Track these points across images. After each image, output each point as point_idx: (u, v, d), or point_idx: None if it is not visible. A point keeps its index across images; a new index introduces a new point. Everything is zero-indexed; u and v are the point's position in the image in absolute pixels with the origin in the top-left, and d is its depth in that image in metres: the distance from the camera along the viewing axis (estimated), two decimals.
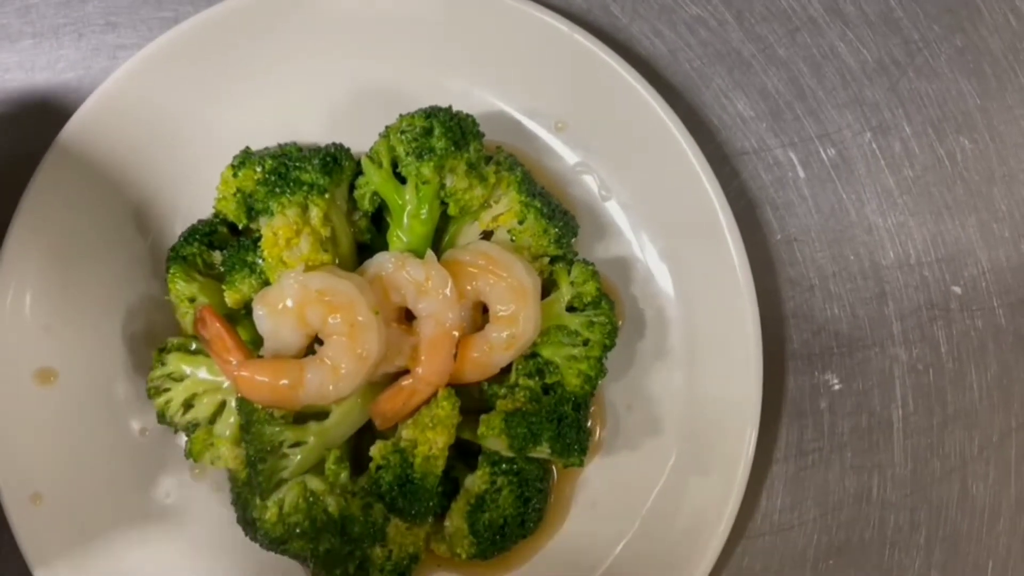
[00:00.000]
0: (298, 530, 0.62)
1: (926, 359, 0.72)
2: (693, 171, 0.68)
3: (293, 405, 0.62)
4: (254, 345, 0.65)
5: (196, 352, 0.67)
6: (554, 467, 0.70)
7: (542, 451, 0.63)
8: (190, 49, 0.69)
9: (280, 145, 0.68)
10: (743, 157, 0.74)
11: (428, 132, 0.63)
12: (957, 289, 0.73)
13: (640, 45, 0.74)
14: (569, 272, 0.66)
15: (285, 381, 0.61)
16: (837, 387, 0.72)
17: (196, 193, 0.70)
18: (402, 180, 0.65)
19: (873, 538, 0.71)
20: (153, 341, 0.70)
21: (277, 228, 0.63)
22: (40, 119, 0.74)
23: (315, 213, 0.63)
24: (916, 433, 0.72)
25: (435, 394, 0.64)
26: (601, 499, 0.70)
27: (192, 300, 0.66)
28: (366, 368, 0.61)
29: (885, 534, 0.71)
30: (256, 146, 0.67)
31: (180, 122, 0.70)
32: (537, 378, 0.65)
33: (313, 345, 0.63)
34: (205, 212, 0.70)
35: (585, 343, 0.65)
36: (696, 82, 0.74)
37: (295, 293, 0.61)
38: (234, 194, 0.65)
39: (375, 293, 0.63)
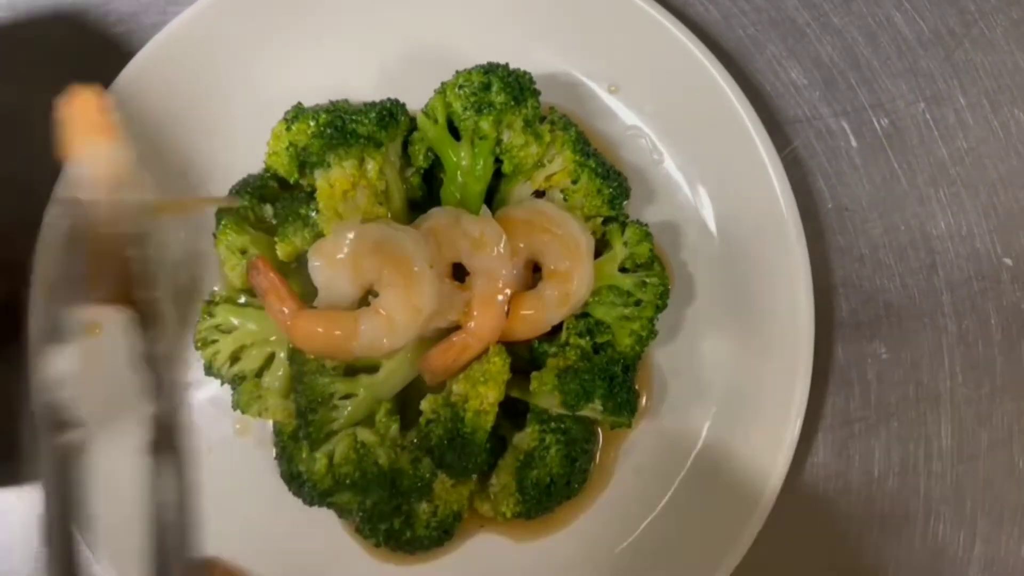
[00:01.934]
0: (348, 481, 0.62)
1: (975, 330, 0.72)
2: (748, 136, 0.67)
3: (346, 356, 0.62)
4: (305, 299, 0.65)
5: (245, 305, 0.67)
6: (600, 430, 0.70)
7: (594, 409, 0.63)
8: (243, 5, 0.69)
9: (332, 102, 0.68)
10: (795, 125, 0.74)
11: (487, 87, 0.63)
12: (1008, 261, 0.72)
13: (694, 10, 0.74)
14: (623, 232, 0.66)
15: (339, 332, 0.61)
16: (885, 357, 0.72)
17: (243, 149, 0.70)
18: (456, 137, 0.65)
19: (918, 509, 0.71)
20: (198, 295, 0.70)
21: (334, 180, 0.62)
22: (89, 73, 0.73)
23: (371, 166, 0.63)
24: (964, 404, 0.71)
25: (486, 350, 0.63)
26: (645, 464, 0.69)
27: (243, 252, 0.66)
28: (420, 320, 0.61)
29: (930, 505, 0.71)
30: (305, 104, 0.67)
31: (231, 79, 0.70)
32: (588, 337, 0.65)
33: (368, 298, 0.63)
34: (251, 169, 0.70)
35: (637, 304, 0.65)
36: (750, 49, 0.74)
37: (352, 244, 0.61)
38: (286, 148, 0.65)
39: (428, 248, 0.63)
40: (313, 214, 0.64)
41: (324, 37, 0.71)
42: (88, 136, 0.50)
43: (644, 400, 0.70)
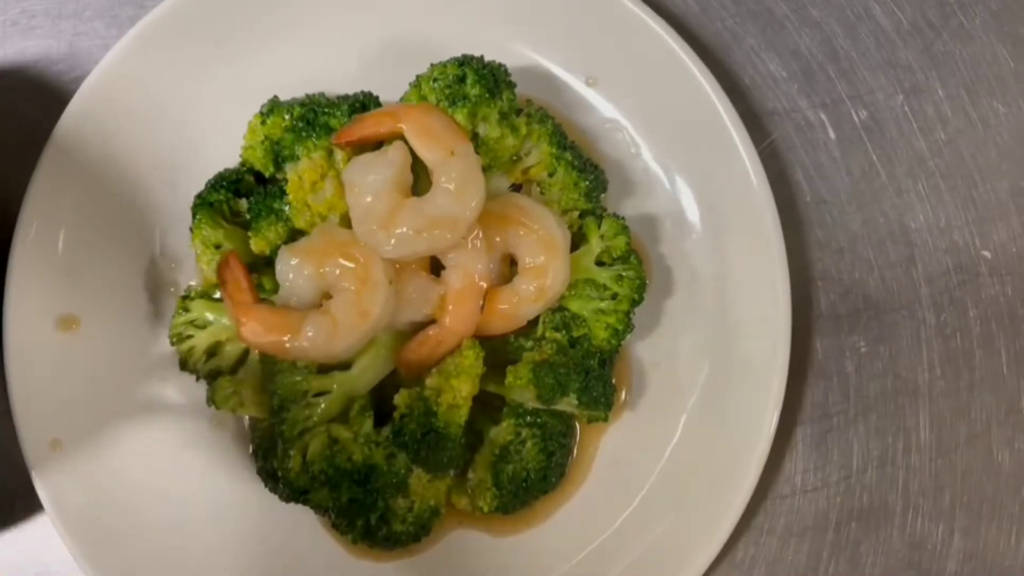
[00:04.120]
0: (322, 478, 0.62)
1: (954, 323, 0.72)
2: (726, 129, 0.67)
3: (288, 355, 0.61)
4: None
5: (220, 300, 0.67)
6: (577, 425, 0.70)
7: (569, 403, 0.63)
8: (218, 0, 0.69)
9: (308, 95, 0.67)
10: (774, 117, 0.73)
11: (461, 80, 0.62)
12: (987, 253, 0.72)
13: (672, 2, 0.74)
14: (599, 226, 0.66)
15: (284, 330, 0.60)
16: (864, 349, 0.72)
17: (220, 145, 0.70)
18: None
19: (897, 502, 0.71)
20: (175, 290, 0.70)
21: (302, 171, 0.62)
22: (65, 67, 0.73)
23: (341, 157, 0.63)
24: (942, 397, 0.71)
25: (460, 344, 0.63)
26: (624, 458, 0.69)
27: (218, 247, 0.66)
28: (365, 326, 0.60)
29: (909, 498, 0.71)
30: (283, 97, 0.67)
31: (207, 74, 0.70)
32: (564, 331, 0.65)
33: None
34: (229, 162, 0.69)
35: (613, 297, 0.65)
36: (728, 41, 0.74)
37: (319, 243, 0.61)
38: (261, 142, 0.65)
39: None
40: (286, 208, 0.64)
41: (302, 30, 0.71)
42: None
43: (624, 394, 0.70)
